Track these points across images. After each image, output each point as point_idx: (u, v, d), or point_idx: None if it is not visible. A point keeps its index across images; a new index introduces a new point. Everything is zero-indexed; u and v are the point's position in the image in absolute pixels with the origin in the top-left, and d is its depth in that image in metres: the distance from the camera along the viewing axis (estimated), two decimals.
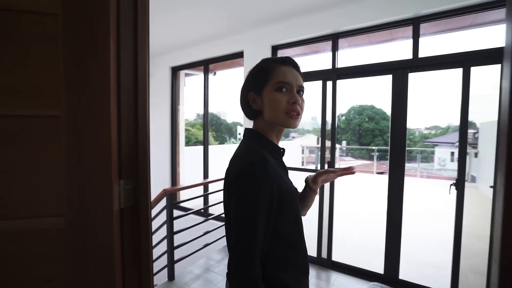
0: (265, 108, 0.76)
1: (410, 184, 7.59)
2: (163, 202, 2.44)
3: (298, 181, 1.03)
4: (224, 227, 0.99)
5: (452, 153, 27.56)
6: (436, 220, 4.79)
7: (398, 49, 2.46)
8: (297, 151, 10.12)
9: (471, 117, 2.07)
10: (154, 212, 2.60)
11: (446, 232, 4.13)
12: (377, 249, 3.38)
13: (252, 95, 0.79)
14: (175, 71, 3.97)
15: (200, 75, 3.76)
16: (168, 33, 3.24)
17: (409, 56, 2.30)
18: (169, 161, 3.99)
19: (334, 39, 2.65)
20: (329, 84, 2.67)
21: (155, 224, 2.53)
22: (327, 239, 2.72)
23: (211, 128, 28.97)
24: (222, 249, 3.12)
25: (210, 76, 4.12)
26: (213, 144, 15.36)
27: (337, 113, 2.71)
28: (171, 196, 2.37)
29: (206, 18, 2.82)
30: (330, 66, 2.67)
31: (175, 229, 2.45)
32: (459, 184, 2.19)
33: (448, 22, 2.37)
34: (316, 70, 2.74)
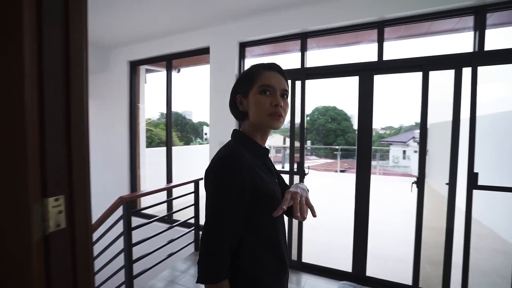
0: (250, 109, 0.81)
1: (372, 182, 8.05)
2: (120, 211, 2.18)
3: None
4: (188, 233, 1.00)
5: (404, 152, 30.17)
6: (396, 214, 5.10)
7: (364, 52, 2.50)
8: None
9: (417, 119, 2.18)
10: (109, 223, 2.33)
11: (405, 226, 4.42)
12: (345, 247, 3.46)
13: (240, 97, 0.84)
14: (134, 66, 3.64)
15: (163, 72, 3.50)
16: (126, 24, 2.94)
17: (375, 58, 2.36)
18: (127, 165, 3.65)
19: (303, 38, 2.62)
20: (298, 83, 2.64)
21: (110, 237, 2.25)
22: (297, 241, 2.69)
23: (175, 128, 27.86)
24: (189, 257, 2.92)
25: (174, 73, 3.87)
26: (178, 144, 14.75)
27: (297, 115, 2.70)
28: (129, 204, 2.13)
29: (168, 10, 2.61)
30: (299, 66, 2.64)
31: (135, 240, 2.21)
32: (419, 183, 2.29)
33: (408, 28, 2.49)
34: (285, 69, 2.69)
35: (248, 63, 2.93)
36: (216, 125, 2.99)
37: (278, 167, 12.50)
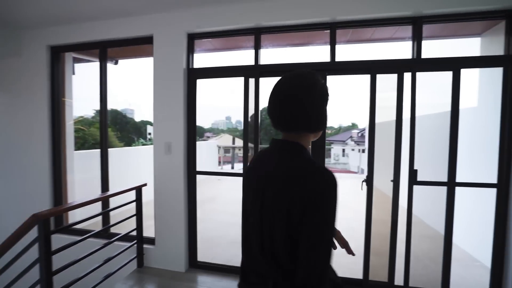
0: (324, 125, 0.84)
1: None
2: (35, 232, 1.72)
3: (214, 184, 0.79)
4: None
5: (343, 150, 33.05)
6: (346, 211, 5.43)
7: (316, 53, 2.49)
8: (213, 151, 9.84)
9: (354, 120, 2.30)
10: (19, 248, 1.82)
11: (350, 220, 4.72)
12: None
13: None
14: (57, 52, 3.03)
15: (96, 62, 2.98)
16: (46, 1, 2.40)
17: (327, 59, 2.38)
18: (49, 173, 3.01)
19: (256, 34, 2.51)
20: (251, 81, 2.52)
21: (22, 266, 1.76)
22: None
23: (114, 128, 25.21)
24: (131, 276, 2.54)
25: (111, 64, 3.37)
26: (118, 146, 13.29)
27: (250, 113, 2.60)
28: (47, 222, 1.69)
29: None
30: (252, 62, 2.52)
31: (60, 265, 1.78)
32: (368, 181, 2.40)
33: (356, 33, 2.59)
34: (239, 65, 2.54)
35: (198, 58, 2.69)
36: (161, 124, 2.67)
37: (227, 167, 12.28)
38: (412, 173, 2.25)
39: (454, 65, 2.19)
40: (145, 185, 2.72)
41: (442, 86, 2.38)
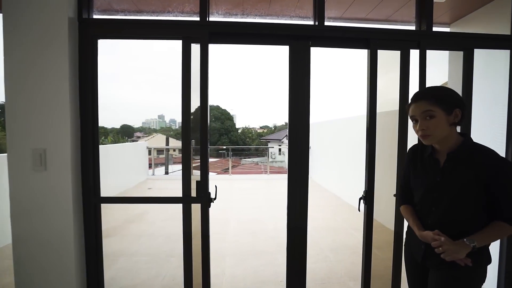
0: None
1: (269, 181, 7.88)
2: None
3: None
4: None
5: (280, 149, 34.13)
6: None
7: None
8: (142, 153, 8.13)
9: (287, 120, 1.66)
10: None
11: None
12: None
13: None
14: None
15: None
16: None
17: (312, 22, 1.60)
18: None
19: None
20: (195, 48, 1.55)
21: None
22: None
23: None
24: None
25: None
26: None
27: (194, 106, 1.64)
28: None
29: None
30: (197, 18, 1.55)
31: None
32: (368, 199, 1.72)
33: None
34: (175, 19, 1.54)
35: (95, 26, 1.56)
36: (24, 118, 1.44)
37: (161, 171, 10.59)
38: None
39: (469, 43, 1.69)
40: None
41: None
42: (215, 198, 1.62)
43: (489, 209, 1.02)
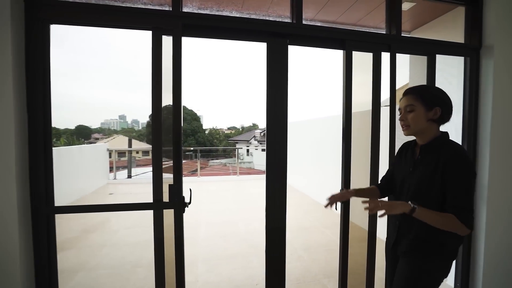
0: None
1: (239, 182, 7.76)
2: None
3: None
4: None
5: (248, 150, 34.21)
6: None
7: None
8: (102, 156, 7.46)
9: (254, 121, 1.69)
10: None
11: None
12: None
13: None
14: None
15: None
16: None
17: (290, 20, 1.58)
18: None
19: None
20: (167, 41, 1.43)
21: None
22: None
23: None
24: None
25: None
26: None
27: (150, 112, 1.52)
28: None
29: None
30: (169, 8, 1.43)
31: None
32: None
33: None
34: (144, 7, 1.40)
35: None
36: None
37: (123, 174, 9.90)
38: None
39: (432, 48, 1.81)
40: None
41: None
42: (189, 203, 1.51)
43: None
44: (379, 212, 1.08)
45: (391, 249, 1.25)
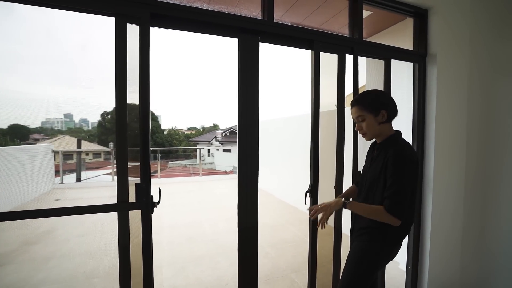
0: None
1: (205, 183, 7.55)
2: None
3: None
4: None
5: (209, 150, 33.60)
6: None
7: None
8: (45, 158, 6.58)
9: (215, 121, 1.76)
10: None
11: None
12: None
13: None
14: None
15: None
16: None
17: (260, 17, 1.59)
18: None
19: None
20: (133, 30, 1.33)
21: None
22: None
23: None
24: None
25: None
26: None
27: (101, 111, 1.43)
28: None
29: None
30: None
31: None
32: (313, 192, 1.81)
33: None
34: None
35: None
36: None
37: (71, 178, 8.95)
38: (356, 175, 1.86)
39: (388, 54, 1.98)
40: None
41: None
42: (158, 202, 1.43)
43: None
44: (319, 215, 1.28)
45: (350, 238, 1.41)
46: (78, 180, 8.80)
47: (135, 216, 1.38)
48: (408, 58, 2.11)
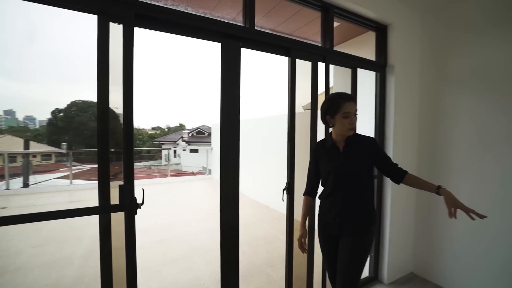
0: (337, 125, 1.42)
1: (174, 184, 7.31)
2: None
3: None
4: None
5: (175, 151, 32.53)
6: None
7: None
8: None
9: (181, 121, 1.88)
10: None
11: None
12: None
13: (328, 117, 1.44)
14: None
15: None
16: None
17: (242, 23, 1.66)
18: None
19: None
20: (116, 29, 1.31)
21: None
22: None
23: None
24: None
25: None
26: None
27: (52, 108, 1.41)
28: None
29: None
30: None
31: None
32: (290, 190, 1.93)
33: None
34: None
35: None
36: None
37: (16, 183, 8.07)
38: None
39: (355, 63, 2.19)
40: None
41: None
42: (142, 203, 1.42)
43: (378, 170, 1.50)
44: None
45: (337, 234, 1.45)
46: (26, 185, 7.94)
47: (114, 219, 1.36)
48: (371, 68, 2.35)
